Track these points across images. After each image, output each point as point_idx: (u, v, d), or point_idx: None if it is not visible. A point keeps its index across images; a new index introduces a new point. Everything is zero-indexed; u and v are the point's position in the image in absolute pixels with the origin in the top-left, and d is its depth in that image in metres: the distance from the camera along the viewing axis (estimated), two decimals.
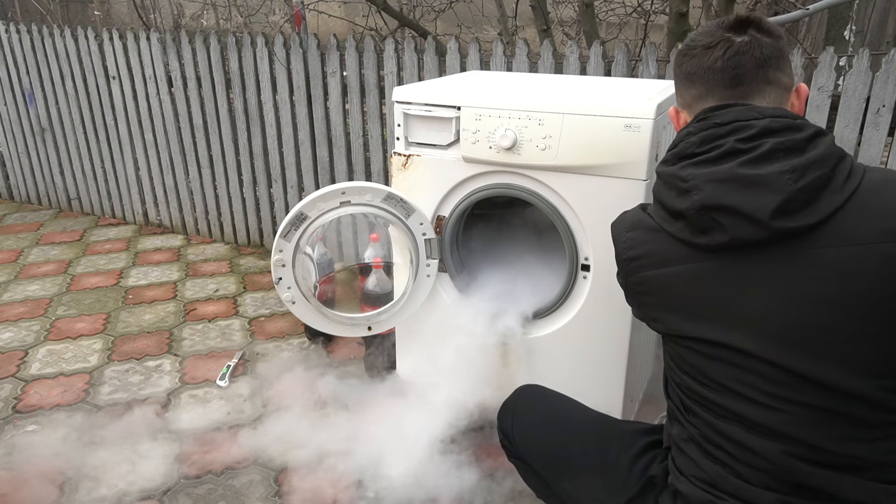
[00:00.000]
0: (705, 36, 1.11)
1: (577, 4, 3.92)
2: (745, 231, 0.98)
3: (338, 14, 4.90)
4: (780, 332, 0.99)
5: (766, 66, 1.06)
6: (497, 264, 2.04)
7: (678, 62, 1.16)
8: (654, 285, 1.10)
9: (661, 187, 1.10)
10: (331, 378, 2.35)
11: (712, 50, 1.08)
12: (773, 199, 0.95)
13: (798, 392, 0.99)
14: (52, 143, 3.93)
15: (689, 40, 1.14)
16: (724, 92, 1.08)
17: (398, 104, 1.86)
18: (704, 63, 1.09)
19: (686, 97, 1.15)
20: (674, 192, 1.06)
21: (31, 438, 2.07)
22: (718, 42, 1.08)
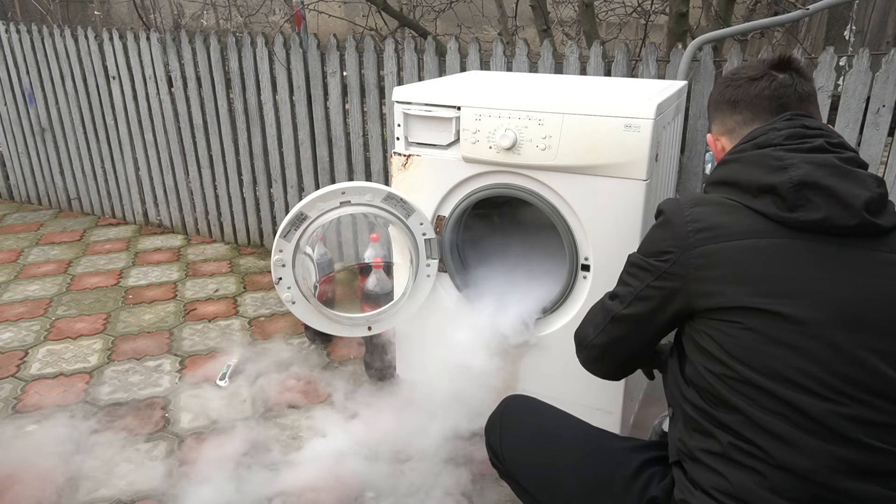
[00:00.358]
0: (749, 69, 1.22)
1: (577, 4, 3.92)
2: (837, 214, 1.01)
3: (338, 14, 4.90)
4: (849, 318, 1.01)
5: (805, 101, 1.19)
6: (497, 264, 2.04)
7: (720, 92, 1.25)
8: (726, 257, 1.06)
9: (742, 167, 1.11)
10: (330, 378, 2.35)
11: (758, 81, 1.20)
12: (865, 194, 1.02)
13: (854, 385, 1.00)
14: (52, 143, 3.93)
15: (733, 73, 1.25)
16: (769, 118, 1.18)
17: (398, 104, 1.86)
18: (751, 92, 1.20)
19: (729, 123, 1.24)
20: (763, 169, 1.08)
21: (31, 438, 2.07)
22: (763, 75, 1.20)
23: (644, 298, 1.18)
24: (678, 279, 1.12)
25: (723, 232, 1.07)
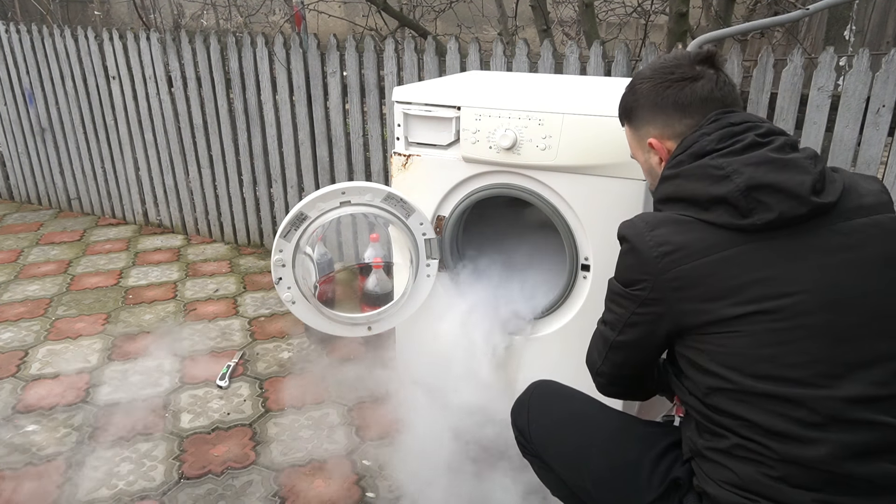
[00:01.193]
0: (680, 67, 1.20)
1: (577, 4, 3.92)
2: (788, 207, 1.03)
3: (338, 14, 4.90)
4: (831, 300, 1.03)
5: (738, 97, 1.22)
6: (497, 264, 2.04)
7: (657, 92, 1.21)
8: (699, 275, 1.07)
9: (687, 182, 1.11)
10: (330, 378, 2.35)
11: (699, 81, 1.19)
12: (807, 178, 1.05)
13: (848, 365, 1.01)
14: (52, 143, 3.93)
15: (662, 69, 1.22)
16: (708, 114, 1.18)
17: (398, 104, 1.86)
18: (699, 94, 1.18)
19: (678, 127, 1.21)
20: (706, 181, 1.08)
21: (31, 438, 2.07)
22: (701, 75, 1.19)
23: (634, 325, 1.17)
24: (659, 304, 1.11)
25: (688, 251, 1.07)
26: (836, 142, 2.09)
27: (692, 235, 1.08)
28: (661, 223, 1.12)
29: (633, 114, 1.28)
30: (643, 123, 1.26)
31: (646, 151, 1.28)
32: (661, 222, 1.12)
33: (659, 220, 1.13)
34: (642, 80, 1.25)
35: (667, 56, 1.27)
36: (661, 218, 1.13)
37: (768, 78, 2.13)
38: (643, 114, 1.26)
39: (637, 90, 1.26)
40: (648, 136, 1.25)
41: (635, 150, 1.34)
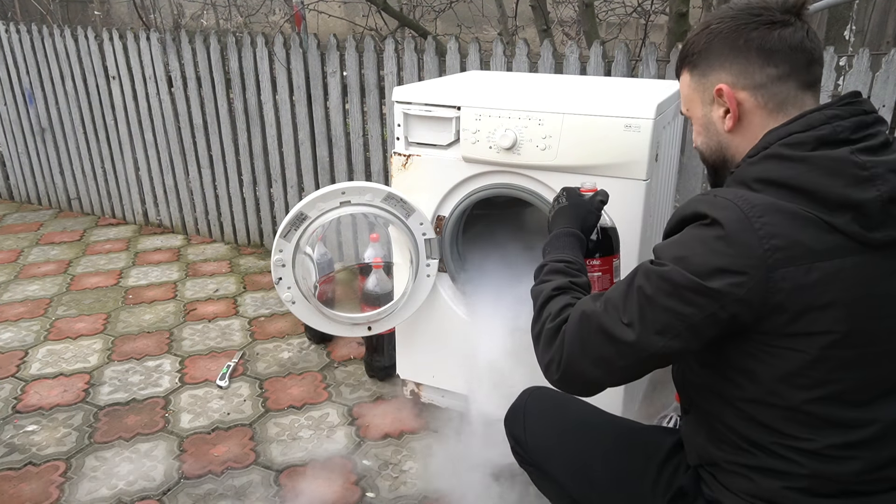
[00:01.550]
0: (771, 11, 1.03)
1: (577, 4, 3.92)
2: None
3: (338, 14, 4.90)
4: None
5: (822, 58, 1.06)
6: (497, 264, 2.04)
7: (739, 32, 1.03)
8: (810, 282, 0.91)
9: (816, 172, 0.94)
10: (331, 378, 2.35)
11: (787, 27, 1.02)
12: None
13: None
14: (52, 143, 3.93)
15: (752, 12, 1.04)
16: (803, 76, 1.03)
17: (398, 104, 1.86)
18: (787, 40, 1.01)
19: (759, 76, 1.03)
20: (843, 179, 0.93)
21: (31, 438, 2.07)
22: (790, 21, 1.02)
23: (702, 328, 0.96)
24: (752, 308, 0.93)
25: (805, 251, 0.91)
26: None
27: (809, 233, 0.92)
28: (770, 210, 0.93)
29: (703, 56, 1.08)
30: (714, 68, 1.07)
31: (708, 103, 1.10)
32: (771, 209, 0.93)
33: (767, 205, 0.93)
34: (721, 19, 1.07)
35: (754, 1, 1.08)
36: (769, 203, 0.94)
37: None
38: (717, 56, 1.06)
39: (713, 30, 1.07)
40: (718, 83, 1.06)
41: (692, 102, 1.13)
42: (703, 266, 0.94)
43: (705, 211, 0.96)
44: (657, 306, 0.97)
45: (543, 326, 1.15)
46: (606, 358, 1.03)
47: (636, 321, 0.99)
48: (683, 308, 0.95)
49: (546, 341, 1.13)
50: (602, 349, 1.03)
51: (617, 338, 1.01)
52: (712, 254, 0.94)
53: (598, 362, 1.04)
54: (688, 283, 0.94)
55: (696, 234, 0.97)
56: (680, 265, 0.96)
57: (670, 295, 0.96)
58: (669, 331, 0.97)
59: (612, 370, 1.03)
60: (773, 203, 0.93)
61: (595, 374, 1.05)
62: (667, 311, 0.97)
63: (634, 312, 1.00)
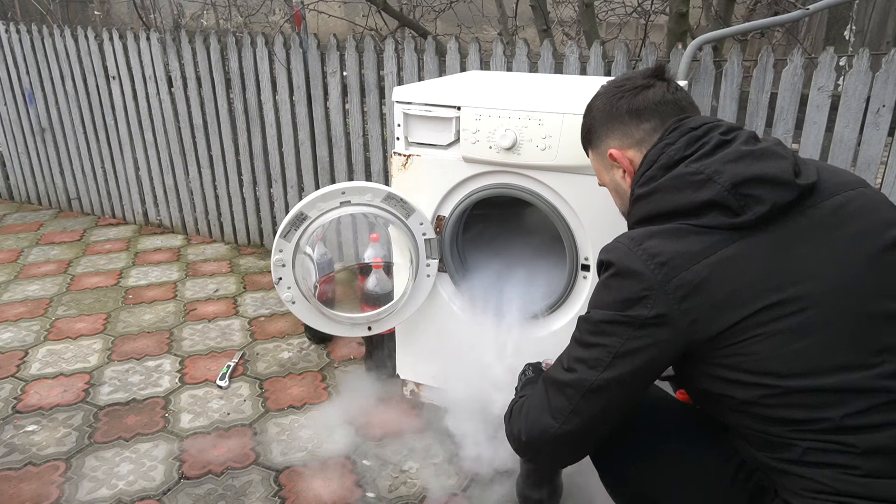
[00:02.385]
0: (632, 80, 1.22)
1: (577, 4, 3.92)
2: (778, 195, 1.02)
3: (338, 14, 4.90)
4: (846, 281, 1.00)
5: (693, 102, 1.23)
6: (497, 264, 2.04)
7: (611, 104, 1.22)
8: (703, 279, 1.00)
9: (666, 195, 1.08)
10: (330, 378, 2.35)
11: (652, 89, 1.19)
12: (786, 163, 1.04)
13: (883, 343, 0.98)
14: (52, 143, 3.93)
15: (615, 85, 1.24)
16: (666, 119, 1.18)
17: (398, 104, 1.86)
18: (651, 98, 1.18)
19: (636, 133, 1.20)
20: (689, 189, 1.05)
21: (31, 438, 2.07)
22: (652, 84, 1.20)
23: (628, 354, 1.05)
24: (665, 321, 1.02)
25: (686, 256, 1.01)
26: (836, 142, 2.09)
27: (686, 241, 1.03)
28: (647, 236, 1.06)
29: (592, 131, 1.28)
30: (602, 138, 1.25)
31: (609, 168, 1.27)
32: (647, 235, 1.06)
33: (644, 234, 1.07)
34: (596, 97, 1.27)
35: (620, 76, 1.28)
36: (645, 232, 1.07)
37: (768, 78, 2.13)
38: (600, 127, 1.25)
39: (591, 108, 1.28)
40: (608, 150, 1.24)
41: (600, 174, 1.32)
42: (612, 301, 1.07)
43: (602, 258, 1.11)
44: (585, 345, 1.10)
45: (512, 408, 1.27)
46: (560, 406, 1.12)
47: (574, 363, 1.11)
48: (603, 340, 1.07)
49: (514, 414, 1.24)
50: (555, 399, 1.13)
51: (562, 382, 1.13)
52: (614, 289, 1.07)
53: (555, 412, 1.13)
54: (602, 318, 1.07)
55: (601, 281, 1.12)
56: (594, 307, 1.10)
57: (593, 332, 1.09)
58: (600, 363, 1.07)
59: (567, 417, 1.11)
60: (648, 230, 1.07)
61: (553, 425, 1.13)
62: (594, 346, 1.08)
63: (572, 357, 1.12)
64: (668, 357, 1.05)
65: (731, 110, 2.21)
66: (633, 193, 1.15)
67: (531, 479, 1.73)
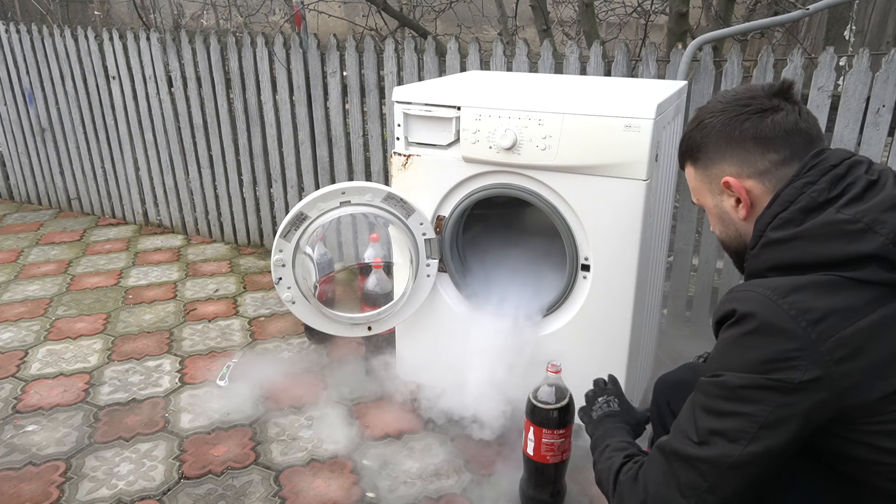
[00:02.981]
0: (760, 100, 1.07)
1: (577, 4, 3.92)
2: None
3: (338, 14, 4.90)
4: None
5: (820, 131, 1.09)
6: (497, 264, 2.04)
7: (733, 125, 1.08)
8: (863, 340, 0.90)
9: (815, 244, 0.96)
10: (330, 378, 2.35)
11: (781, 113, 1.06)
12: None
13: None
14: (52, 143, 3.93)
15: (741, 103, 1.08)
16: (803, 154, 1.05)
17: (398, 104, 1.86)
18: (784, 125, 1.05)
19: (761, 163, 1.06)
20: (843, 240, 0.94)
21: (31, 438, 2.07)
22: (780, 107, 1.06)
23: (778, 423, 0.92)
24: (820, 386, 0.90)
25: (844, 314, 0.90)
26: (836, 142, 2.09)
27: (841, 296, 0.92)
28: (792, 289, 0.93)
29: (702, 150, 1.12)
30: (716, 161, 1.11)
31: (717, 193, 1.13)
32: (792, 288, 0.93)
33: (787, 285, 0.94)
34: (712, 114, 1.11)
35: (737, 88, 1.14)
36: (788, 283, 0.94)
37: (768, 78, 2.13)
38: (715, 149, 1.10)
39: (706, 125, 1.11)
40: (723, 175, 1.10)
41: (701, 194, 1.17)
42: (755, 362, 0.93)
43: (734, 309, 0.96)
44: (720, 413, 0.96)
45: (618, 478, 1.13)
46: (692, 483, 0.99)
47: (708, 436, 0.97)
48: (747, 408, 0.93)
49: (628, 487, 1.09)
50: (684, 474, 0.99)
51: (694, 457, 0.98)
52: (755, 349, 0.93)
53: (685, 490, 0.99)
54: (743, 383, 0.94)
55: (733, 337, 0.97)
56: (734, 369, 0.95)
57: (730, 399, 0.95)
58: (743, 435, 0.94)
59: (701, 496, 0.98)
60: (792, 282, 0.94)
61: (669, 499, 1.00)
62: (733, 415, 0.95)
63: (705, 428, 0.98)
64: (817, 424, 0.94)
65: None
66: (764, 236, 1.03)
67: (535, 480, 1.73)
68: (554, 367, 1.64)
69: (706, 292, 2.51)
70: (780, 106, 1.06)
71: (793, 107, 1.07)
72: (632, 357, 1.81)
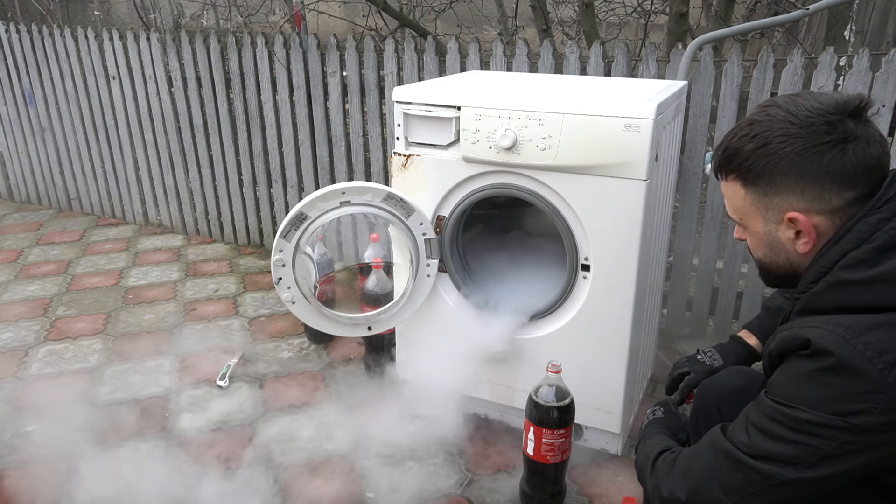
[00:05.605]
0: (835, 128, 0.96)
1: (577, 4, 3.92)
2: None
3: (338, 14, 4.90)
4: None
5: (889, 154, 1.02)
6: (497, 264, 2.04)
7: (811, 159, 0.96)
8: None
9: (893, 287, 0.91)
10: (330, 378, 2.35)
11: (861, 142, 0.96)
12: None
13: None
14: (52, 143, 3.93)
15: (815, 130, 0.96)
16: (878, 188, 0.98)
17: (398, 104, 1.86)
18: (865, 159, 0.96)
19: (837, 201, 0.97)
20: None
21: (31, 438, 2.07)
22: (857, 133, 0.96)
23: (840, 457, 0.91)
24: (892, 428, 0.88)
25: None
26: None
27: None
28: (868, 328, 0.89)
29: (765, 177, 1.01)
30: (781, 191, 1.00)
31: (773, 222, 1.04)
32: (867, 327, 0.89)
33: (862, 324, 0.90)
34: (784, 139, 0.98)
35: (804, 101, 0.99)
36: (863, 322, 0.90)
37: (768, 78, 2.13)
38: (783, 180, 0.99)
39: (775, 153, 0.98)
40: (787, 209, 1.00)
41: (750, 217, 1.06)
42: (828, 402, 0.90)
43: (822, 344, 0.91)
44: (780, 440, 0.94)
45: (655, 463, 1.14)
46: (736, 485, 0.98)
47: (762, 453, 0.96)
48: (811, 441, 0.92)
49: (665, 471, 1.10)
50: (730, 474, 0.99)
51: (744, 463, 0.98)
52: (829, 387, 0.91)
53: (728, 488, 0.99)
54: (811, 419, 0.91)
55: (804, 366, 0.94)
56: (798, 402, 0.93)
57: (793, 430, 0.93)
58: (800, 462, 0.93)
59: (743, 499, 0.98)
60: (867, 320, 0.90)
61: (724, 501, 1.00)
62: (794, 444, 0.93)
63: (760, 448, 0.97)
64: (880, 459, 0.92)
65: (731, 110, 2.21)
66: (832, 274, 0.96)
67: (535, 480, 1.73)
68: (554, 367, 1.64)
69: (706, 292, 2.51)
70: (857, 133, 0.96)
71: (866, 130, 0.97)
72: (632, 357, 1.81)
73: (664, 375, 2.32)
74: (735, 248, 2.39)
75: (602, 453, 1.94)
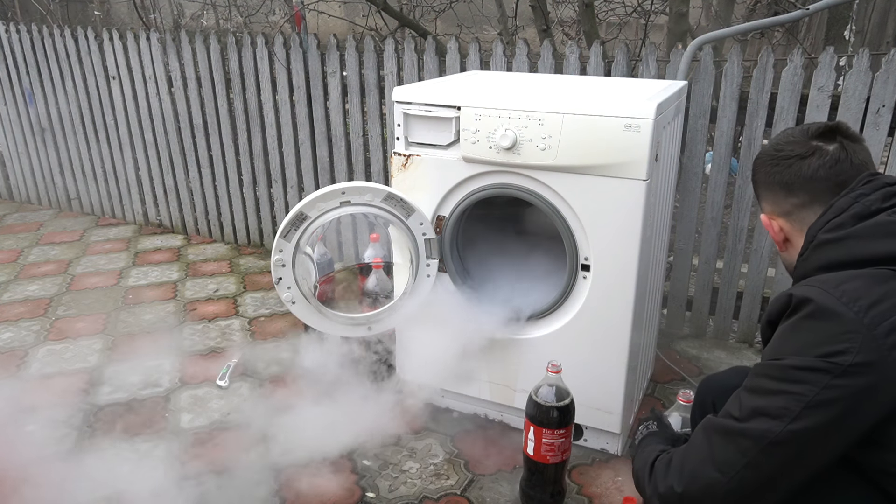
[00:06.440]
0: (794, 144, 1.14)
1: (577, 4, 3.92)
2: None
3: (338, 14, 4.90)
4: None
5: (862, 168, 1.11)
6: (497, 264, 2.04)
7: (767, 171, 1.17)
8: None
9: (864, 242, 1.00)
10: (331, 378, 2.35)
11: (808, 159, 1.11)
12: None
13: None
14: (52, 143, 3.93)
15: (776, 149, 1.16)
16: (829, 198, 1.09)
17: (398, 104, 1.86)
18: (804, 172, 1.11)
19: (784, 205, 1.15)
20: (891, 238, 0.99)
21: (32, 438, 2.07)
22: (813, 152, 1.11)
23: (822, 405, 0.92)
24: (871, 370, 0.91)
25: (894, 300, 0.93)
26: None
27: (890, 286, 0.95)
28: (843, 280, 0.97)
29: (754, 186, 1.24)
30: (760, 197, 1.22)
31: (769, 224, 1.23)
32: (843, 279, 0.97)
33: (837, 277, 0.98)
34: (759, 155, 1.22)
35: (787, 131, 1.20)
36: (838, 276, 0.98)
37: (768, 78, 2.13)
38: (758, 188, 1.21)
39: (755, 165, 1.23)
40: (763, 212, 1.21)
41: None
42: (807, 345, 0.95)
43: (802, 294, 0.99)
44: (766, 392, 0.98)
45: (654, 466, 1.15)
46: (729, 460, 1.00)
47: (751, 413, 0.99)
48: (794, 387, 0.95)
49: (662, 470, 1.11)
50: (723, 450, 1.01)
51: (734, 430, 1.00)
52: (808, 332, 0.97)
53: (723, 466, 1.00)
54: (796, 363, 0.95)
55: (788, 324, 1.00)
56: (781, 353, 0.98)
57: (778, 379, 0.97)
58: (786, 413, 0.95)
59: (739, 472, 0.98)
60: (842, 274, 0.98)
61: (720, 480, 1.00)
62: (779, 394, 0.96)
63: (748, 407, 1.00)
64: (866, 415, 0.93)
65: (731, 110, 2.22)
66: (815, 239, 1.07)
67: (535, 480, 1.73)
68: (554, 367, 1.64)
69: (706, 292, 2.51)
70: (810, 153, 1.11)
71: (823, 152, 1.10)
72: (632, 357, 1.81)
73: (664, 375, 2.32)
74: (735, 248, 2.39)
75: (602, 453, 1.94)
